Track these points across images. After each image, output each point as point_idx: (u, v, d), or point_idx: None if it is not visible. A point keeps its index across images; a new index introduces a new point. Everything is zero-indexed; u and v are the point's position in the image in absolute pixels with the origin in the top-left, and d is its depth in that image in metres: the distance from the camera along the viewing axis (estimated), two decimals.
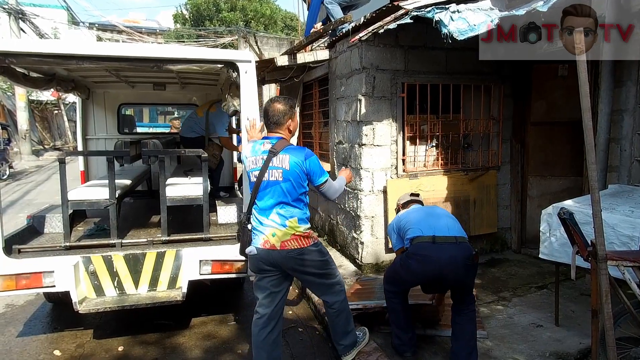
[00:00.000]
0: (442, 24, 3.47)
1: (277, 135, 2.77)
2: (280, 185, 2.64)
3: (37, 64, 3.37)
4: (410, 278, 2.93)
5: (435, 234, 2.83)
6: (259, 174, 2.67)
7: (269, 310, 2.74)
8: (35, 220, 3.95)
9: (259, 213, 2.72)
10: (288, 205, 2.66)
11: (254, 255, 2.72)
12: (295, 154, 2.66)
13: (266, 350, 2.74)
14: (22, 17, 15.79)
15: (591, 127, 2.04)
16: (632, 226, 2.87)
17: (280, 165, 2.64)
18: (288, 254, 2.65)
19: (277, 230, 2.65)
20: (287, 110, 2.76)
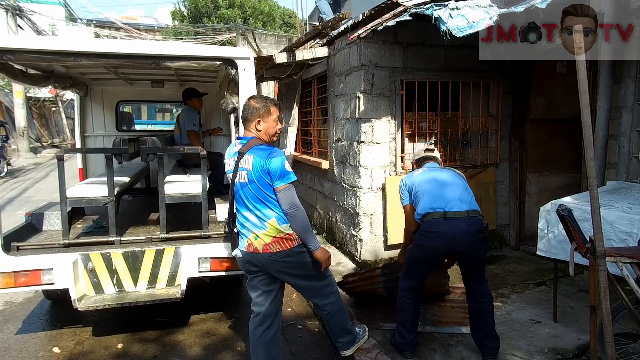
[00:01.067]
0: (441, 21, 3.46)
1: (249, 135, 2.67)
2: (248, 187, 2.57)
3: (35, 60, 3.36)
4: (425, 255, 2.93)
5: (447, 209, 2.85)
6: (232, 176, 2.64)
7: (263, 309, 2.72)
8: (34, 217, 3.94)
9: (239, 216, 2.69)
10: (262, 205, 2.56)
11: (239, 259, 2.73)
12: (260, 153, 2.54)
13: (264, 347, 2.72)
14: (20, 14, 15.71)
15: (590, 124, 2.04)
16: (630, 222, 2.88)
17: (246, 167, 2.57)
18: (271, 257, 2.57)
19: (258, 232, 2.57)
20: (259, 108, 2.63)
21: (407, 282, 3.04)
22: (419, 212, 2.94)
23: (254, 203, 2.57)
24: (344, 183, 5.11)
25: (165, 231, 3.54)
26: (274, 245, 2.56)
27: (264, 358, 2.72)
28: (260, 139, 2.64)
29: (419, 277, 3.04)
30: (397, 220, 4.64)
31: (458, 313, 3.57)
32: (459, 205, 2.88)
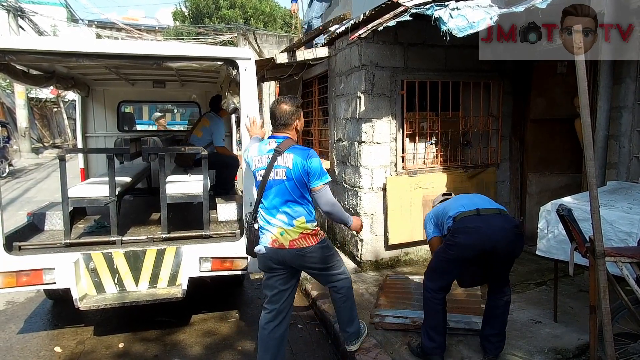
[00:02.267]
0: (442, 21, 3.47)
1: (284, 135, 2.77)
2: (284, 184, 2.65)
3: (37, 61, 3.38)
4: (460, 255, 2.74)
5: (479, 207, 2.81)
6: (265, 172, 2.69)
7: (277, 306, 2.80)
8: (36, 217, 3.96)
9: (265, 212, 2.73)
10: (294, 203, 2.67)
11: (262, 254, 2.74)
12: (299, 153, 2.66)
13: (273, 344, 2.78)
14: (21, 15, 15.75)
15: (590, 123, 2.05)
16: (631, 222, 2.88)
17: (284, 165, 2.65)
18: (297, 253, 2.68)
19: (285, 229, 2.67)
20: (294, 111, 2.77)
21: (435, 282, 2.87)
22: (451, 215, 2.86)
23: (287, 200, 2.66)
24: (344, 183, 5.12)
25: (167, 231, 3.56)
26: (300, 241, 2.68)
27: (272, 355, 2.76)
28: (292, 139, 2.77)
29: (449, 279, 2.90)
30: (398, 220, 4.66)
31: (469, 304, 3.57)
32: (489, 205, 2.87)
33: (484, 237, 2.68)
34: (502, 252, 2.72)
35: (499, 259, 2.78)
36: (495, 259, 2.77)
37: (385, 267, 4.78)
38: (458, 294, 3.64)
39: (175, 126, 14.45)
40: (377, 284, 4.26)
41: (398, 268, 4.78)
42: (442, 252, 2.85)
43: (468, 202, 2.93)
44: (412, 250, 4.92)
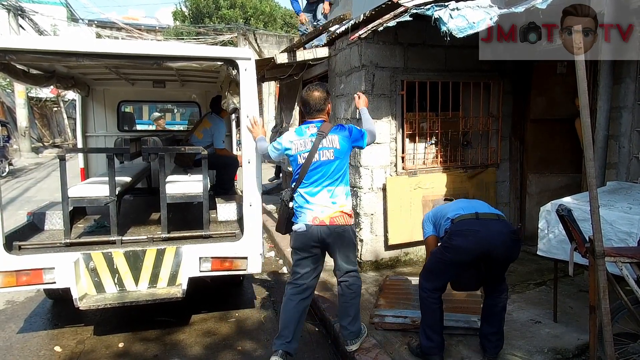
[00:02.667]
0: (442, 21, 3.47)
1: (320, 119, 3.00)
2: (332, 164, 2.88)
3: (37, 60, 3.38)
4: (457, 258, 2.76)
5: (478, 211, 2.82)
6: (309, 155, 2.87)
7: (307, 281, 3.00)
8: (36, 217, 3.96)
9: (307, 192, 2.91)
10: (337, 182, 2.91)
11: (302, 232, 2.90)
12: (341, 132, 2.94)
13: (296, 317, 2.95)
14: (22, 14, 15.76)
15: (589, 124, 2.05)
16: (630, 223, 2.88)
17: (331, 146, 2.89)
18: (336, 229, 2.88)
19: (328, 207, 2.88)
20: (326, 97, 3.00)
21: (431, 282, 2.89)
22: (449, 217, 2.87)
23: (332, 179, 2.90)
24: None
25: (167, 231, 3.56)
26: (339, 219, 2.90)
27: (294, 327, 2.94)
28: (327, 122, 3.01)
29: (445, 279, 2.90)
30: (398, 220, 4.66)
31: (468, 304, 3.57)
32: (489, 210, 2.88)
33: (481, 241, 2.68)
34: (499, 256, 2.73)
35: (495, 262, 2.78)
36: (492, 263, 2.78)
37: (385, 268, 4.78)
38: (457, 294, 3.64)
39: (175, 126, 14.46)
40: (377, 284, 4.26)
41: (398, 268, 4.78)
42: (439, 254, 2.86)
43: (467, 205, 2.95)
44: (412, 251, 4.92)
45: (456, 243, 2.74)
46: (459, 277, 2.93)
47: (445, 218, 2.93)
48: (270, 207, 8.22)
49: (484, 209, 2.89)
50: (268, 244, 6.22)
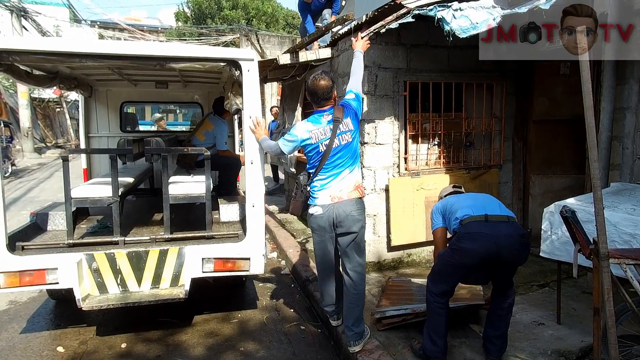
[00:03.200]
0: (445, 21, 3.46)
1: (330, 106, 3.12)
2: (351, 145, 3.08)
3: (41, 61, 3.39)
4: (465, 261, 2.74)
5: (487, 212, 2.77)
6: (329, 142, 3.02)
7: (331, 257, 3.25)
8: (39, 217, 3.97)
9: (328, 175, 3.06)
10: (355, 160, 3.13)
11: (319, 215, 3.07)
12: (350, 113, 3.10)
13: (334, 281, 3.30)
14: (25, 15, 15.81)
15: (593, 125, 2.04)
16: (634, 224, 2.87)
17: (347, 129, 3.06)
18: (350, 204, 3.06)
19: (347, 182, 3.08)
20: (332, 85, 3.11)
21: (438, 285, 2.87)
22: (458, 217, 2.84)
23: (351, 158, 3.09)
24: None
25: (169, 231, 3.56)
26: (354, 193, 3.10)
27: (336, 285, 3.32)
28: (336, 106, 3.13)
29: (452, 283, 2.88)
30: (401, 221, 4.65)
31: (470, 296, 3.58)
32: (499, 210, 2.83)
33: (490, 244, 2.65)
34: (507, 259, 2.71)
35: (503, 266, 2.76)
36: (500, 266, 2.76)
37: (388, 269, 4.77)
38: (460, 294, 3.63)
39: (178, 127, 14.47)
40: (380, 285, 4.26)
41: (401, 269, 4.77)
42: (447, 256, 2.82)
43: (477, 204, 2.89)
44: (415, 252, 4.91)
45: (464, 246, 2.71)
46: (467, 278, 2.94)
47: (454, 217, 2.89)
48: (272, 207, 8.22)
49: (494, 209, 2.84)
50: (270, 244, 6.23)
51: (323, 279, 3.35)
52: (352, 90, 3.24)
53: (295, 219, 7.13)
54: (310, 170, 3.14)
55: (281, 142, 3.18)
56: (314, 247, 3.31)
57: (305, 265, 4.95)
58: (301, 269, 4.86)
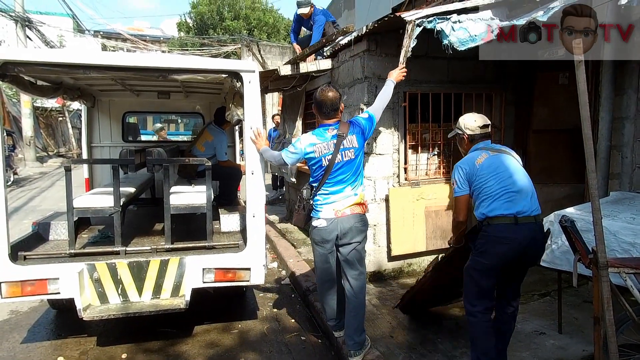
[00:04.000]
0: (444, 34, 3.51)
1: (336, 120, 3.12)
2: (354, 162, 3.08)
3: (46, 73, 3.42)
4: (498, 264, 2.65)
5: (518, 213, 2.60)
6: (332, 157, 3.02)
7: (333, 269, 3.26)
8: (41, 227, 3.98)
9: (330, 190, 3.07)
10: (358, 177, 3.13)
11: (323, 227, 3.08)
12: (356, 131, 3.10)
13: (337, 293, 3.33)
14: (29, 25, 15.96)
15: (590, 136, 2.07)
16: (634, 233, 2.88)
17: (351, 145, 3.06)
18: (354, 218, 3.08)
19: (349, 200, 3.08)
20: (339, 96, 3.12)
21: (480, 302, 2.72)
22: (485, 213, 2.67)
23: (353, 175, 3.09)
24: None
25: (170, 241, 3.57)
26: (357, 208, 3.11)
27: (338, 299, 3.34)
28: (341, 120, 3.14)
29: (491, 293, 2.74)
30: (401, 231, 4.66)
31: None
32: (530, 207, 2.65)
33: (517, 249, 2.60)
34: (526, 261, 2.70)
35: (520, 267, 2.75)
36: (517, 268, 2.75)
37: (388, 279, 4.77)
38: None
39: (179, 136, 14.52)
40: (380, 295, 4.25)
41: (401, 279, 4.77)
42: (477, 263, 2.70)
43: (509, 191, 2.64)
44: (415, 261, 4.91)
45: (495, 250, 2.63)
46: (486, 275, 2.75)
47: (482, 207, 2.68)
48: (273, 217, 8.23)
49: (525, 202, 2.64)
50: (271, 254, 6.23)
51: (324, 292, 3.36)
52: (369, 110, 3.27)
53: (295, 228, 7.14)
54: (313, 183, 3.17)
55: (284, 154, 3.20)
56: (315, 260, 3.32)
57: (305, 275, 4.95)
58: (301, 279, 4.86)
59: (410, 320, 3.79)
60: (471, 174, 2.75)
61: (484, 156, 2.78)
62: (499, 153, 2.84)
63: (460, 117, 3.06)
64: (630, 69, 3.93)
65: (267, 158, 3.46)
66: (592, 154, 2.10)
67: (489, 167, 2.73)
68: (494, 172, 2.71)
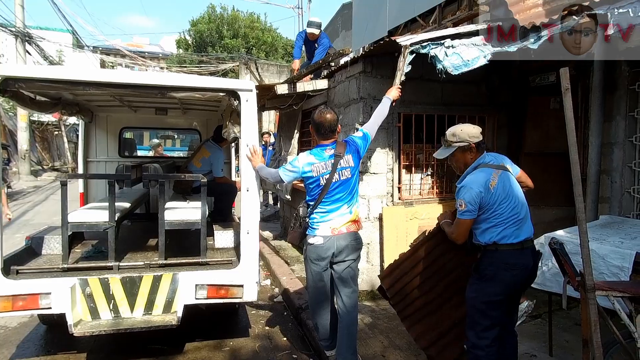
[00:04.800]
0: (437, 59, 3.61)
1: (334, 140, 3.21)
2: (350, 180, 3.16)
3: (45, 89, 3.47)
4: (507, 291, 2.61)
5: (522, 238, 2.61)
6: (329, 176, 3.09)
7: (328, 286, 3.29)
8: (34, 241, 3.97)
9: (328, 209, 3.14)
10: (354, 195, 3.21)
11: (319, 245, 3.13)
12: (352, 150, 3.20)
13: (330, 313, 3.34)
14: (29, 40, 16.10)
15: (577, 161, 2.13)
16: (622, 257, 2.93)
17: (348, 165, 3.15)
18: (350, 236, 3.17)
19: (345, 218, 3.15)
20: (337, 118, 3.22)
21: (486, 333, 2.63)
22: (496, 241, 2.61)
23: (349, 194, 3.16)
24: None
25: (164, 257, 3.57)
26: (353, 226, 3.19)
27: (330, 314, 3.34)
28: (338, 140, 3.23)
29: (499, 320, 2.65)
30: (394, 250, 4.68)
31: None
32: (530, 231, 2.67)
33: (524, 275, 2.62)
34: (527, 285, 2.73)
35: (522, 292, 2.77)
36: (520, 293, 2.77)
37: (381, 298, 4.76)
38: None
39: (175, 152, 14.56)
40: (372, 314, 4.25)
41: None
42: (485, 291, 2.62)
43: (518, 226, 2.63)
44: None
45: (505, 277, 2.58)
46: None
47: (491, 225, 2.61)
48: (266, 233, 8.22)
49: (527, 226, 2.67)
50: (264, 271, 6.21)
51: (318, 311, 3.36)
52: (364, 129, 3.37)
53: (289, 246, 7.13)
54: (310, 201, 3.21)
55: (282, 172, 3.24)
56: (308, 279, 3.33)
57: (298, 292, 4.94)
58: (294, 296, 4.85)
59: (402, 340, 3.79)
60: (486, 199, 2.61)
61: (495, 177, 2.66)
62: (502, 171, 2.75)
63: (450, 131, 2.83)
64: (618, 96, 4.03)
65: (265, 175, 3.47)
66: (579, 179, 2.15)
67: (502, 191, 2.64)
68: (505, 197, 2.65)
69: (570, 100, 2.09)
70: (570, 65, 3.04)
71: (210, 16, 24.35)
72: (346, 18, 15.38)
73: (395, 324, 4.08)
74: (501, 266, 2.59)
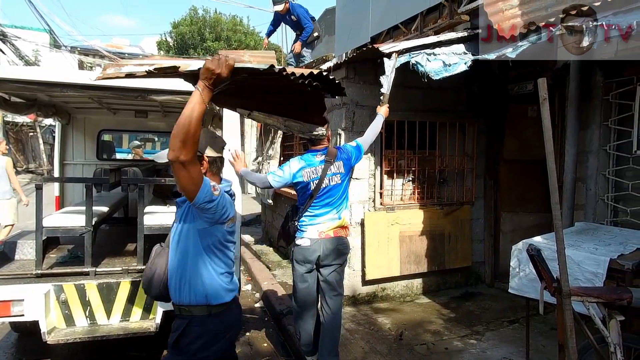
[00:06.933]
0: (419, 64, 3.66)
1: (324, 146, 3.25)
2: (340, 186, 3.21)
3: (20, 90, 3.39)
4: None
5: None
6: (319, 181, 3.14)
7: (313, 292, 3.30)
8: (7, 246, 3.85)
9: (317, 212, 3.17)
10: (343, 201, 3.26)
11: (306, 247, 3.17)
12: (343, 157, 3.25)
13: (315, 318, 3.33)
14: (3, 39, 15.68)
15: (554, 169, 2.17)
16: (597, 263, 2.99)
17: (338, 171, 3.20)
18: (337, 240, 3.21)
19: (333, 222, 3.19)
20: (327, 125, 3.25)
21: None
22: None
23: (339, 199, 3.21)
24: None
25: (142, 262, 3.50)
26: (340, 231, 3.25)
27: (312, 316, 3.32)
28: (328, 146, 3.27)
29: None
30: (375, 255, 4.70)
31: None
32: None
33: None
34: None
35: None
36: None
37: (363, 303, 4.78)
38: None
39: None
40: (354, 320, 4.25)
41: (375, 304, 4.79)
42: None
43: None
44: (389, 286, 4.95)
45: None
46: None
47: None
48: (247, 237, 8.17)
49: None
50: (245, 276, 6.16)
51: (302, 315, 3.34)
52: (358, 140, 3.45)
53: (270, 250, 7.10)
54: (299, 205, 3.26)
55: (271, 177, 3.22)
56: (295, 282, 3.32)
57: (279, 298, 4.91)
58: (275, 302, 4.82)
59: (382, 345, 3.80)
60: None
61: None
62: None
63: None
64: (594, 105, 4.14)
65: (251, 180, 3.41)
66: (556, 187, 2.20)
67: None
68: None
69: (548, 109, 2.14)
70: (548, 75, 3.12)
71: (192, 18, 24.20)
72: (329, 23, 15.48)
73: (376, 329, 4.09)
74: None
